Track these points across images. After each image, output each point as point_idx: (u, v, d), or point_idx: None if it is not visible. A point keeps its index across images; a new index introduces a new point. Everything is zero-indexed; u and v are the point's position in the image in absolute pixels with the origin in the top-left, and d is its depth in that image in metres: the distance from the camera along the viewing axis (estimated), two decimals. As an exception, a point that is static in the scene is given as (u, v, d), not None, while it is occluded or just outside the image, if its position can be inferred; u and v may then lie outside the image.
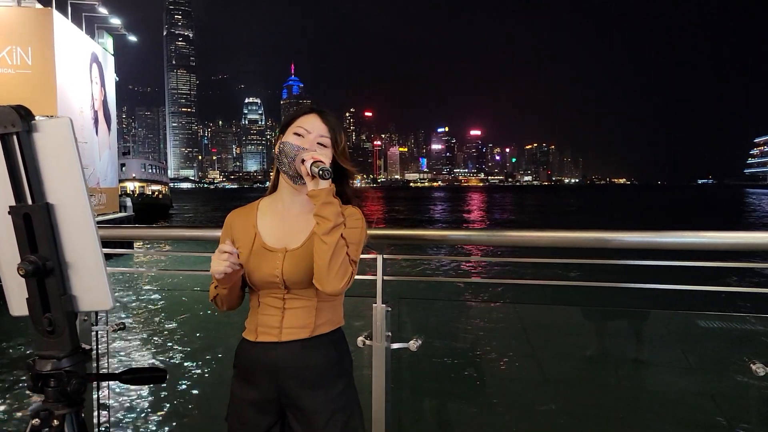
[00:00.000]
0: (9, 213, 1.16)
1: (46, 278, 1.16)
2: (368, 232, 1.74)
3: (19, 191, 1.15)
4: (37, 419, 1.19)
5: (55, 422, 1.19)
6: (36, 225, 1.15)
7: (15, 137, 1.13)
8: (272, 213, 1.74)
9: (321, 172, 1.52)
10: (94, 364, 2.53)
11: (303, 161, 1.57)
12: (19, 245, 1.16)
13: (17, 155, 1.14)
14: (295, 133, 1.66)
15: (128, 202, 32.81)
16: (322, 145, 1.66)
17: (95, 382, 2.45)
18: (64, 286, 1.18)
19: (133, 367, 1.32)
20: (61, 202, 1.16)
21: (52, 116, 1.15)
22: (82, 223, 1.16)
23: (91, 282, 1.18)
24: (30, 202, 1.16)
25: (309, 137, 1.65)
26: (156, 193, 55.80)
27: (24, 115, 1.12)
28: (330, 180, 1.56)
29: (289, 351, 1.64)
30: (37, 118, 1.15)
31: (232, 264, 1.56)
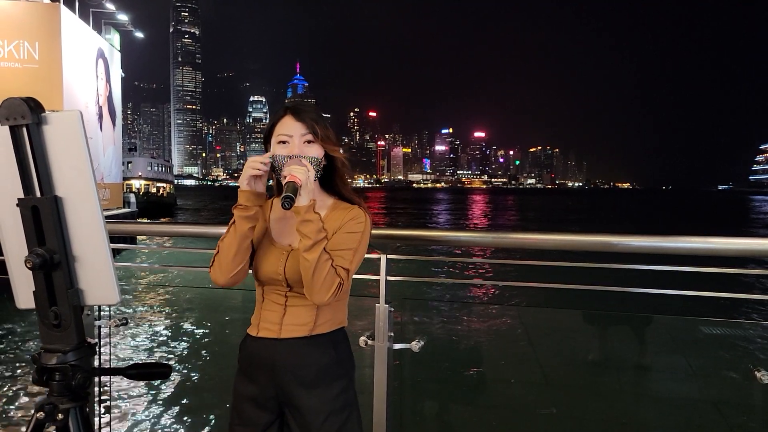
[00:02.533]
0: (17, 205, 1.16)
1: (53, 271, 1.16)
2: (373, 231, 1.72)
3: (28, 184, 1.15)
4: (41, 413, 1.19)
5: (60, 416, 1.19)
6: (44, 218, 1.15)
7: (24, 129, 1.13)
8: (283, 210, 1.74)
9: (282, 201, 1.48)
10: (96, 359, 2.54)
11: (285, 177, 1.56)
12: (26, 238, 1.16)
13: (26, 147, 1.14)
14: (280, 142, 1.65)
15: (132, 197, 32.88)
16: (308, 142, 1.64)
17: (98, 377, 2.45)
18: (71, 279, 1.18)
19: (137, 362, 1.32)
20: (69, 195, 1.16)
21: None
22: (90, 217, 1.16)
23: (97, 276, 1.18)
24: (38, 194, 1.16)
25: (293, 141, 1.64)
26: (161, 191, 55.95)
27: (34, 107, 1.12)
28: (308, 198, 1.52)
29: (288, 348, 1.64)
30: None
31: (264, 170, 1.58)
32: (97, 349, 2.51)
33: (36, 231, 1.15)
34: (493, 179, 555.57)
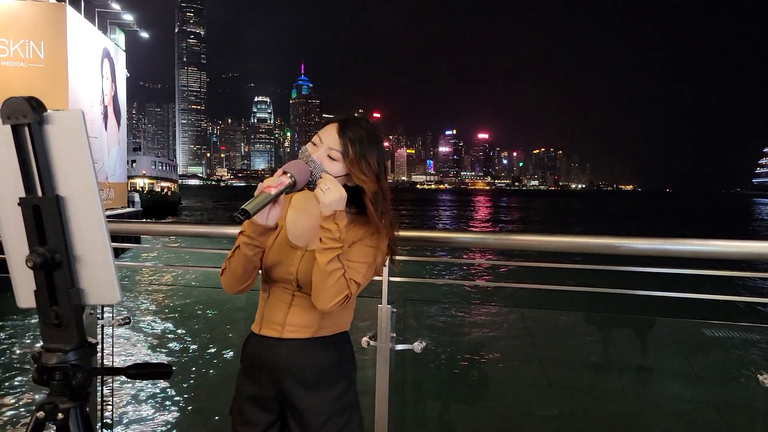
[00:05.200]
0: (19, 204, 1.16)
1: (54, 271, 1.16)
2: None
3: (30, 183, 1.15)
4: (41, 412, 1.19)
5: (60, 416, 1.19)
6: (45, 217, 1.15)
7: (26, 128, 1.13)
8: (301, 210, 1.73)
9: (235, 215, 1.41)
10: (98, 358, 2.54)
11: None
12: (28, 237, 1.16)
13: (28, 147, 1.14)
14: (313, 142, 1.65)
15: (136, 197, 32.95)
16: (330, 158, 1.62)
17: (99, 376, 2.46)
18: (72, 279, 1.18)
19: (138, 362, 1.32)
20: (71, 194, 1.16)
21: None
22: (91, 217, 1.16)
23: (99, 276, 1.18)
24: (40, 194, 1.16)
25: (320, 148, 1.62)
26: (165, 190, 56.07)
27: (36, 106, 1.12)
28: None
29: (290, 349, 1.63)
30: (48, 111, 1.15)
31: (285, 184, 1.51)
32: (99, 349, 2.52)
33: (37, 230, 1.15)
34: (496, 181, 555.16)
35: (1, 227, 1.22)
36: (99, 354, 2.51)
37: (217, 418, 3.21)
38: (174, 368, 1.36)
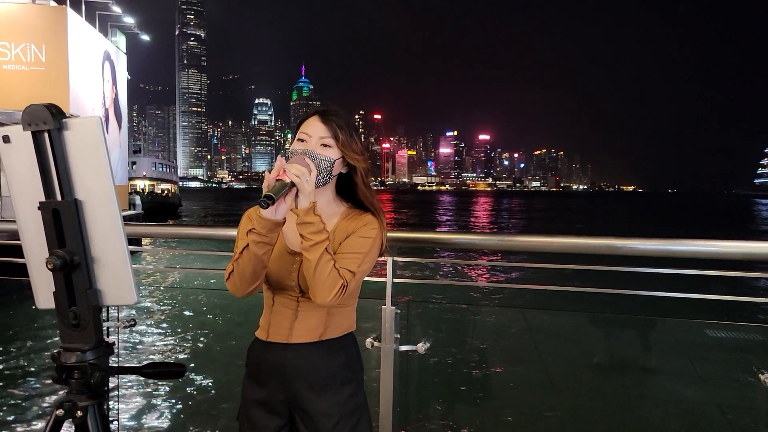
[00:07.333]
0: (39, 208, 1.20)
1: (72, 272, 1.20)
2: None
3: (49, 187, 1.19)
4: (61, 410, 1.22)
5: (79, 413, 1.22)
6: (64, 220, 1.19)
7: (46, 134, 1.16)
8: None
9: (260, 200, 1.45)
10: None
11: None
12: (47, 240, 1.20)
13: (48, 152, 1.17)
14: (299, 139, 1.66)
15: (137, 200, 33.00)
16: (325, 146, 1.64)
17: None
18: (90, 280, 1.21)
19: (154, 361, 1.35)
20: (89, 198, 1.19)
21: (73, 115, 1.16)
22: (109, 220, 1.19)
23: (116, 277, 1.21)
24: (59, 198, 1.19)
25: (311, 141, 1.64)
26: (165, 191, 56.07)
27: (55, 113, 1.15)
28: (311, 200, 1.51)
29: (298, 353, 1.64)
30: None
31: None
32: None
33: (57, 233, 1.19)
34: (497, 182, 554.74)
35: (21, 230, 1.25)
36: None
37: (224, 419, 3.23)
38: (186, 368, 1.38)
